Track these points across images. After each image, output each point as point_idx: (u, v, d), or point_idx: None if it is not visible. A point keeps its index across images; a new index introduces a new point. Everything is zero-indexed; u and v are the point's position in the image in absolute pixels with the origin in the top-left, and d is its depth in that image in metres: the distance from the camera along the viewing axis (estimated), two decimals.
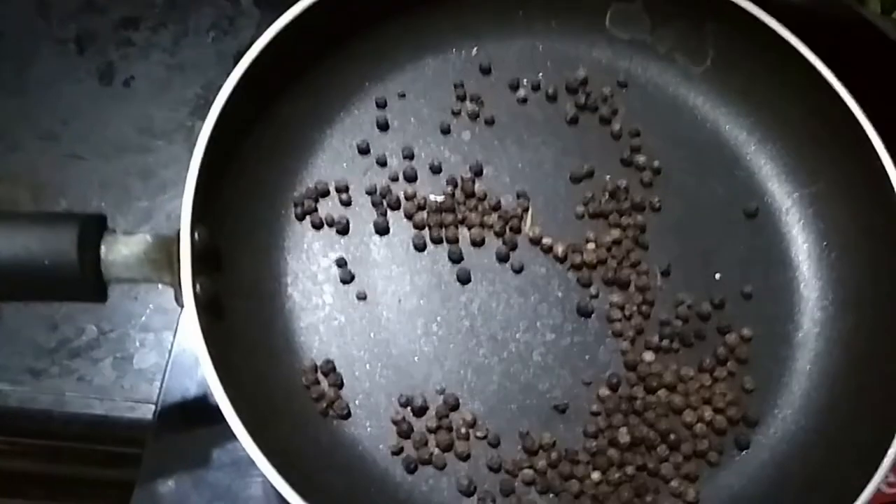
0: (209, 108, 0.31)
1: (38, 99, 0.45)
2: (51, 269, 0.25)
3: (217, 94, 0.31)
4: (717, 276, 0.34)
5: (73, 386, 0.38)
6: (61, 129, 0.45)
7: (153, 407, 0.36)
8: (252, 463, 0.32)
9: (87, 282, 0.26)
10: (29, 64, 0.46)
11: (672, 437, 0.31)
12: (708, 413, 0.31)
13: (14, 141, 0.44)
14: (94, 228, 0.26)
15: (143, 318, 0.40)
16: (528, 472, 0.30)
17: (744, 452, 0.31)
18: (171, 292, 0.38)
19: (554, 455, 0.30)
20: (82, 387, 0.38)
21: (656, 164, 0.36)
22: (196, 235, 0.28)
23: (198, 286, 0.27)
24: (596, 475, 0.30)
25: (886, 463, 0.28)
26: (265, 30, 0.33)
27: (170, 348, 0.37)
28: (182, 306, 0.27)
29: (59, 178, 0.43)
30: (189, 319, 0.27)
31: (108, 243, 0.26)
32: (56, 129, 0.45)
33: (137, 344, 0.39)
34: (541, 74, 0.37)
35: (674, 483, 0.30)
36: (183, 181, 0.43)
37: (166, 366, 0.36)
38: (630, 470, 0.30)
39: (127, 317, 0.40)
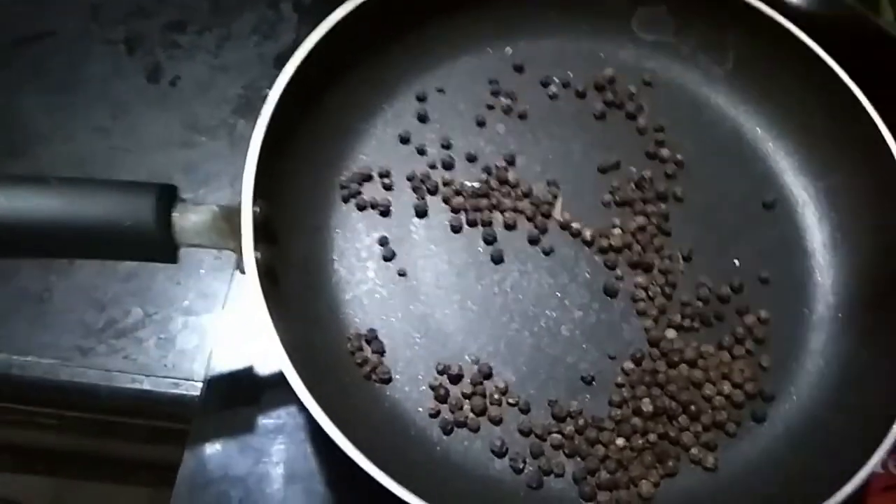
0: (250, 108, 0.35)
1: (89, 95, 0.49)
2: (130, 231, 0.29)
3: (258, 94, 0.35)
4: (736, 262, 0.38)
5: (119, 364, 0.41)
6: (111, 123, 0.48)
7: (196, 384, 0.39)
8: (295, 428, 0.36)
9: (161, 244, 0.30)
10: (81, 63, 0.50)
11: (692, 407, 0.34)
12: (726, 387, 0.35)
13: (67, 134, 0.47)
14: (168, 196, 0.31)
15: (186, 303, 0.43)
16: (557, 437, 0.33)
17: (760, 425, 0.35)
18: (210, 278, 0.42)
19: (581, 422, 0.34)
20: (128, 364, 0.41)
21: (679, 157, 0.40)
22: (256, 209, 0.32)
23: (257, 253, 0.31)
24: (620, 441, 0.33)
25: (889, 439, 0.31)
26: (305, 34, 0.37)
27: (216, 326, 0.40)
28: (243, 272, 0.31)
29: (107, 170, 0.47)
30: (249, 284, 0.31)
31: (181, 210, 0.31)
32: (106, 123, 0.48)
33: (180, 326, 0.43)
34: (570, 73, 0.42)
35: (693, 451, 0.34)
36: (225, 175, 0.47)
37: (213, 341, 0.40)
38: (652, 437, 0.33)
39: (170, 300, 0.43)
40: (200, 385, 0.39)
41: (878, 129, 0.38)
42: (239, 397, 0.38)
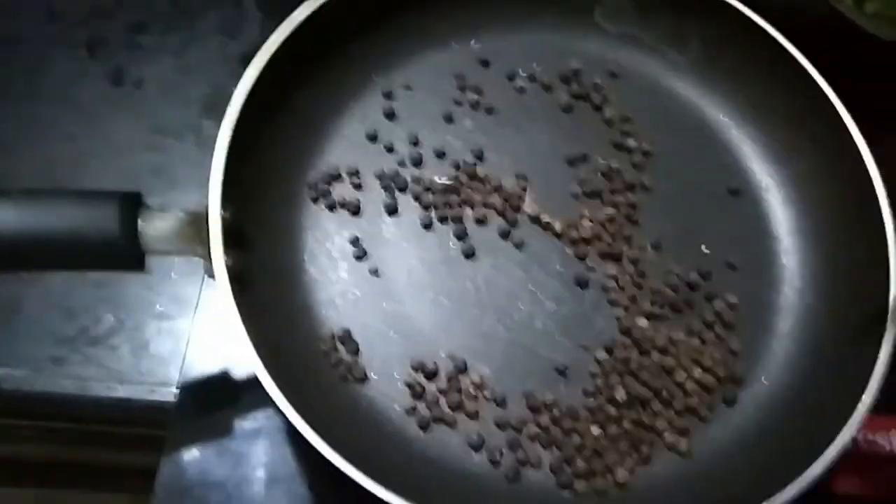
0: (216, 108, 0.35)
1: (52, 101, 0.48)
2: (95, 242, 0.29)
3: (224, 94, 0.34)
4: (704, 248, 0.38)
5: (93, 372, 0.41)
6: (76, 129, 0.48)
7: (171, 390, 0.39)
8: (273, 430, 0.36)
9: (128, 253, 0.30)
10: (42, 68, 0.49)
11: (665, 393, 0.35)
12: (697, 372, 0.35)
13: (33, 141, 0.47)
14: (133, 204, 0.30)
15: (159, 307, 0.43)
16: (533, 429, 0.34)
17: (731, 409, 0.35)
18: (184, 282, 0.42)
19: (556, 412, 0.34)
20: (102, 372, 0.41)
21: (646, 147, 0.40)
22: (224, 213, 0.32)
23: (227, 258, 0.31)
24: (595, 430, 0.34)
25: (858, 413, 0.32)
26: (269, 33, 0.37)
27: (189, 331, 0.40)
28: (212, 277, 0.31)
29: (76, 177, 0.46)
30: (219, 290, 0.31)
31: (146, 218, 0.30)
32: (71, 128, 0.47)
33: (153, 331, 0.42)
34: (536, 66, 0.42)
35: (667, 436, 0.34)
36: (194, 177, 0.47)
37: (186, 346, 0.40)
38: (626, 424, 0.34)
39: (143, 306, 0.43)
40: (176, 390, 0.39)
41: (839, 114, 0.38)
42: (215, 401, 0.38)
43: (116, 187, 0.45)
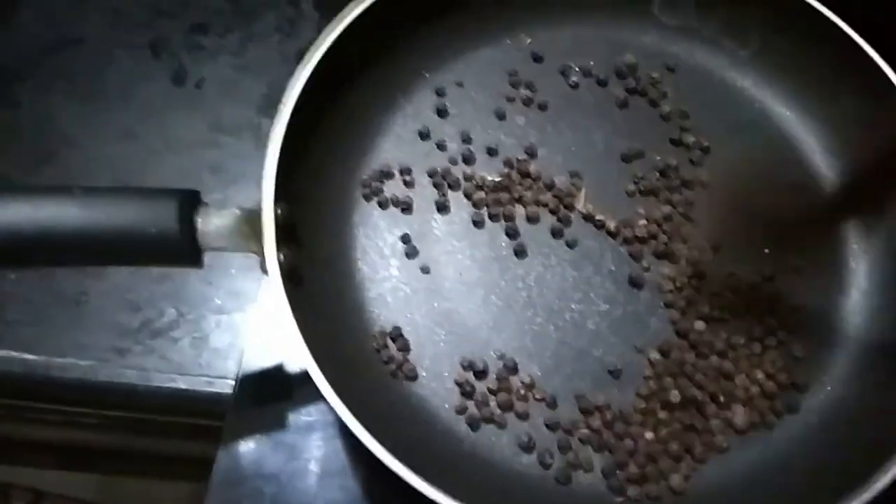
0: (275, 107, 0.34)
1: (117, 100, 0.49)
2: (155, 237, 0.29)
3: (281, 93, 0.35)
4: (766, 250, 0.37)
5: (154, 363, 0.42)
6: (138, 127, 0.49)
7: (229, 382, 0.40)
8: (325, 425, 0.36)
9: (185, 248, 0.30)
10: (107, 68, 0.50)
11: (721, 398, 0.33)
12: (760, 376, 0.34)
13: (96, 139, 0.48)
14: (191, 202, 0.31)
15: (217, 301, 0.44)
16: (584, 431, 0.33)
17: (793, 416, 0.34)
18: (242, 278, 0.42)
19: (608, 415, 0.33)
20: (164, 364, 0.42)
21: (704, 143, 0.39)
22: (277, 210, 0.32)
23: (280, 255, 0.31)
24: (649, 434, 0.33)
25: None
26: (324, 31, 0.36)
27: (246, 326, 0.41)
28: (267, 274, 0.31)
29: (137, 173, 0.47)
30: (273, 286, 0.31)
31: (204, 215, 0.31)
32: (134, 127, 0.49)
33: (212, 325, 0.43)
34: (591, 61, 0.41)
35: (723, 441, 0.33)
36: (251, 174, 0.47)
37: (244, 340, 0.40)
38: (680, 428, 0.33)
39: (203, 300, 0.43)
40: (234, 383, 0.39)
41: None
42: (271, 394, 0.38)
43: (176, 184, 0.46)
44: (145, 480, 0.51)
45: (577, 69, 0.40)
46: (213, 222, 0.31)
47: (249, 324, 0.41)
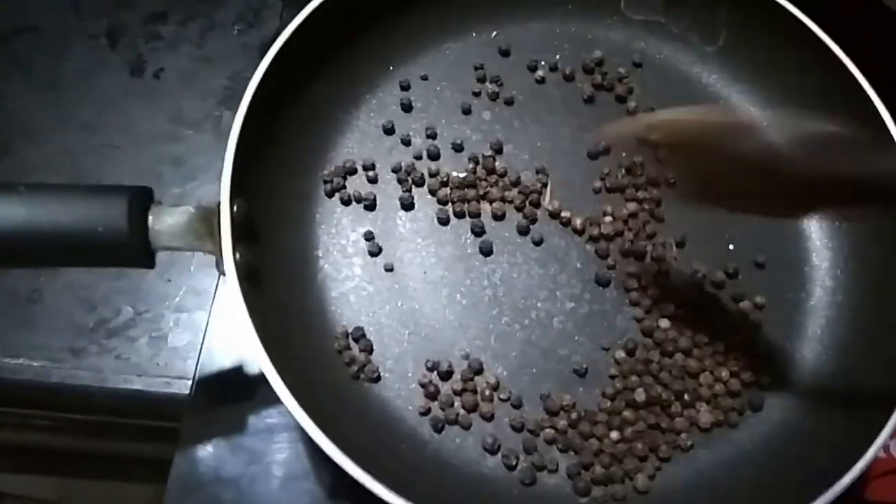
0: (236, 99, 0.33)
1: (73, 92, 0.48)
2: (104, 237, 0.28)
3: (243, 84, 0.33)
4: (731, 246, 0.36)
5: (111, 364, 0.40)
6: (95, 120, 0.47)
7: (188, 382, 0.38)
8: (286, 428, 0.35)
9: (136, 248, 0.29)
10: (63, 58, 0.49)
11: (686, 397, 0.33)
12: (724, 375, 0.33)
13: (52, 132, 0.46)
14: (142, 199, 0.29)
15: (177, 300, 0.42)
16: (550, 432, 0.32)
17: (757, 414, 0.33)
18: (202, 274, 0.41)
19: (574, 415, 0.32)
20: (120, 365, 0.40)
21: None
22: (234, 207, 0.30)
23: (237, 254, 0.30)
24: (614, 434, 0.32)
25: (890, 425, 0.30)
26: (289, 22, 0.35)
27: (205, 325, 0.39)
28: (223, 273, 0.30)
29: (95, 167, 0.45)
30: (229, 286, 0.29)
31: (155, 213, 0.29)
32: (90, 120, 0.47)
33: (171, 324, 0.41)
34: (558, 56, 0.40)
35: (688, 440, 0.32)
36: (212, 168, 0.46)
37: (202, 339, 0.39)
38: (645, 428, 0.32)
39: (161, 298, 0.42)
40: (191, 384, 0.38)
41: (873, 104, 0.36)
42: (230, 396, 0.37)
43: (135, 179, 0.46)
44: (109, 482, 0.49)
45: (544, 64, 0.39)
46: (165, 221, 0.29)
47: (209, 323, 0.39)
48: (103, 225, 0.28)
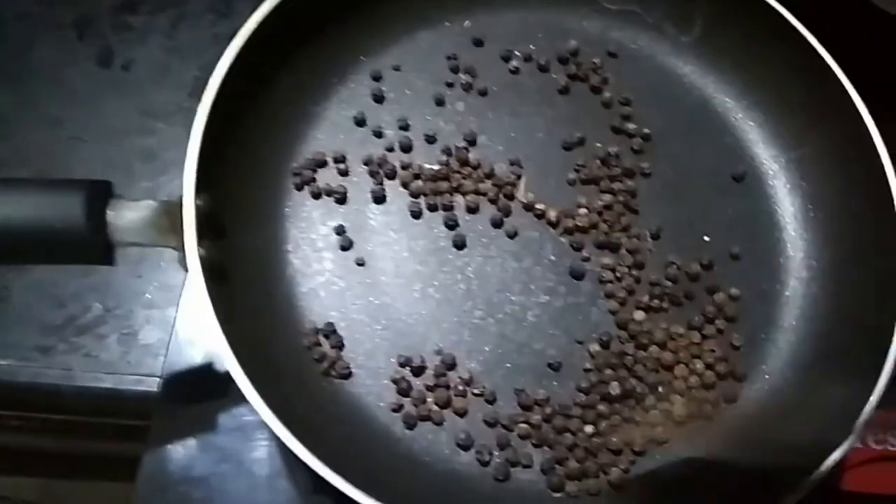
0: (208, 83, 0.32)
1: (39, 84, 0.46)
2: (61, 233, 0.27)
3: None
4: (706, 238, 0.36)
5: (80, 362, 0.39)
6: (63, 112, 0.46)
7: (159, 380, 0.37)
8: (257, 426, 0.34)
9: (95, 245, 0.28)
10: (29, 49, 0.47)
11: (661, 389, 0.32)
12: (699, 367, 0.33)
13: (17, 125, 0.45)
14: (101, 194, 0.28)
15: (147, 296, 0.41)
16: (524, 427, 0.31)
17: (732, 405, 0.33)
18: (173, 270, 0.40)
19: (548, 410, 0.32)
20: (89, 363, 0.40)
21: (646, 131, 0.38)
22: (199, 201, 0.29)
23: (202, 250, 0.29)
24: (589, 428, 0.31)
25: (866, 414, 0.30)
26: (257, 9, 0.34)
27: (173, 322, 0.38)
28: (186, 270, 0.29)
29: (62, 161, 0.44)
30: (193, 283, 0.29)
31: (116, 208, 0.28)
32: (58, 112, 0.46)
33: (142, 320, 0.41)
34: (532, 46, 0.39)
35: (663, 433, 0.32)
36: (183, 162, 0.45)
37: (170, 336, 0.38)
38: (620, 421, 0.32)
39: (131, 294, 0.41)
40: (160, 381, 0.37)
41: (848, 94, 0.35)
42: (200, 394, 0.36)
43: (103, 172, 0.45)
44: (80, 482, 0.48)
45: (518, 54, 0.39)
46: (126, 216, 0.28)
47: (177, 319, 0.38)
48: (60, 221, 0.27)
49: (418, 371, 0.32)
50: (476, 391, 0.32)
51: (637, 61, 0.39)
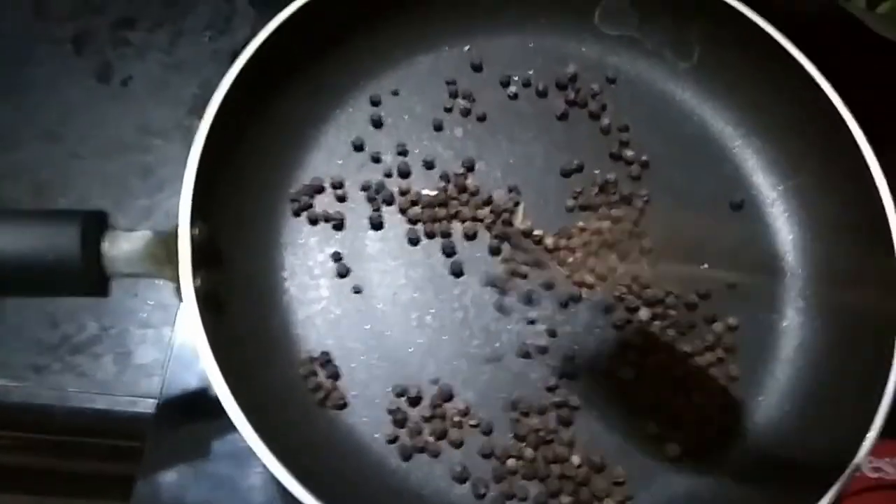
0: (206, 107, 0.32)
1: (37, 99, 0.46)
2: (54, 265, 0.26)
3: (213, 92, 0.32)
4: (704, 266, 0.35)
5: (74, 381, 0.39)
6: (60, 128, 0.45)
7: (154, 401, 0.37)
8: (251, 453, 0.33)
9: (89, 277, 0.27)
10: (27, 64, 0.47)
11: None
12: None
13: (14, 140, 0.45)
14: (96, 225, 0.27)
15: (143, 315, 0.41)
16: (517, 461, 0.31)
17: (730, 436, 0.32)
18: (170, 288, 0.39)
19: (542, 437, 0.31)
20: (84, 382, 0.39)
21: (644, 157, 0.37)
22: (195, 231, 0.29)
23: (197, 280, 0.28)
24: (576, 459, 0.31)
25: (865, 447, 0.29)
26: (260, 29, 0.34)
27: (170, 343, 0.38)
28: (182, 300, 0.28)
29: (59, 177, 0.44)
30: (188, 313, 0.28)
31: (110, 239, 0.27)
32: (55, 128, 0.45)
33: (138, 340, 0.40)
34: (531, 71, 0.38)
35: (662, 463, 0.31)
36: (181, 179, 0.44)
37: (167, 360, 0.37)
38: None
39: (127, 313, 0.40)
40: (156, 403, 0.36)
41: (846, 123, 0.35)
42: (196, 418, 0.35)
43: (100, 189, 0.44)
44: (73, 501, 0.48)
45: (517, 79, 0.38)
46: (121, 247, 0.27)
47: (174, 340, 0.38)
48: (54, 253, 0.26)
49: (414, 402, 0.32)
50: (472, 422, 0.32)
51: (635, 87, 0.39)
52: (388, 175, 0.36)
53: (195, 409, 0.36)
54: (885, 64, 0.40)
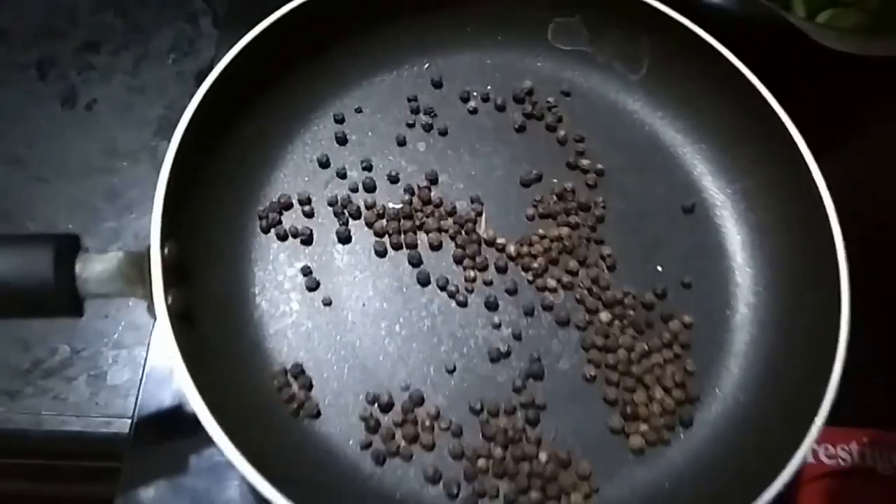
0: (172, 129, 0.33)
1: (2, 124, 0.46)
2: (29, 288, 0.27)
3: (179, 114, 0.33)
4: (659, 268, 0.37)
5: (48, 405, 0.39)
6: (26, 153, 0.46)
7: (129, 421, 0.37)
8: (229, 466, 0.34)
9: (63, 298, 0.28)
10: None
11: (627, 410, 0.33)
12: (658, 393, 0.34)
13: None
14: (68, 247, 0.28)
15: (115, 336, 0.41)
16: (487, 460, 0.32)
17: (688, 429, 0.34)
18: (141, 309, 0.39)
19: (511, 436, 0.32)
20: (58, 405, 0.39)
21: (600, 166, 0.39)
22: (165, 250, 0.30)
23: (169, 298, 0.29)
24: (543, 456, 0.32)
25: (813, 433, 0.31)
26: (225, 50, 0.35)
27: (143, 362, 0.38)
28: (155, 318, 0.29)
29: (26, 202, 0.44)
30: (162, 331, 0.29)
31: (83, 261, 0.28)
32: (21, 153, 0.45)
33: (110, 361, 0.40)
34: (489, 86, 0.40)
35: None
36: (149, 201, 0.45)
37: (140, 379, 0.38)
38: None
39: (99, 335, 0.41)
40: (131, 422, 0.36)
41: (787, 129, 0.37)
42: (172, 434, 0.36)
43: (68, 212, 0.44)
44: None
45: (476, 94, 0.40)
46: (94, 268, 0.28)
47: (148, 360, 0.38)
48: (27, 276, 0.27)
49: (386, 408, 0.33)
50: (443, 425, 0.33)
51: (589, 99, 0.40)
52: (354, 190, 0.37)
53: (171, 426, 0.36)
54: (824, 72, 0.43)
